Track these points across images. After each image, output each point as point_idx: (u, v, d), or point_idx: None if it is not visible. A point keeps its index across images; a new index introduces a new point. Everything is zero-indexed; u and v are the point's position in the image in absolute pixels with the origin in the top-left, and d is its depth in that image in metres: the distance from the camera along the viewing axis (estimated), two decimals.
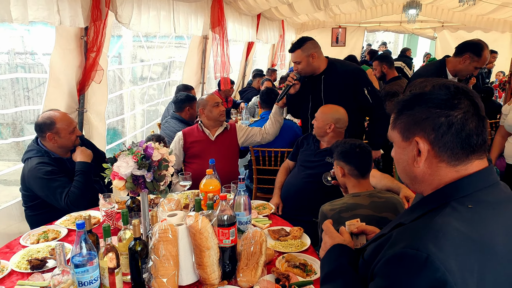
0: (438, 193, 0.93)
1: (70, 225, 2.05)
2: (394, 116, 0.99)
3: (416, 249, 0.81)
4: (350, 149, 1.91)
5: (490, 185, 0.91)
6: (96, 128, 2.88)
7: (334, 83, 2.83)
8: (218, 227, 1.55)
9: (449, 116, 0.88)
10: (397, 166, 1.03)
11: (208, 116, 2.88)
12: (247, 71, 7.37)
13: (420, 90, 0.93)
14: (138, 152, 1.57)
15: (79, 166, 2.27)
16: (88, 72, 2.49)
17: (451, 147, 0.89)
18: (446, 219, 0.85)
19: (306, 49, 2.80)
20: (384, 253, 0.89)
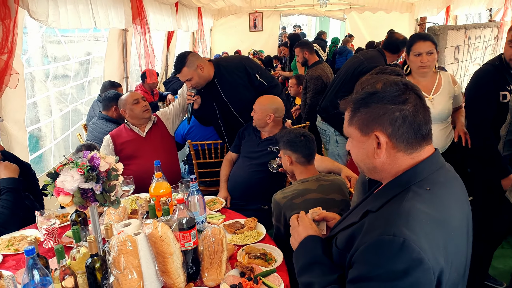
0: (398, 180, 1.02)
1: (4, 250, 1.85)
2: (349, 113, 1.07)
3: (392, 234, 0.88)
4: (295, 138, 1.99)
5: (439, 167, 1.03)
6: (15, 138, 2.59)
7: (229, 82, 2.84)
8: (179, 231, 1.53)
9: (403, 110, 0.98)
10: (355, 158, 1.11)
11: (131, 115, 2.77)
12: (170, 61, 7.15)
13: (372, 89, 1.02)
14: (83, 164, 1.47)
15: (5, 183, 2.04)
16: (0, 76, 2.21)
17: (407, 138, 0.99)
18: (411, 203, 0.94)
19: (191, 63, 2.71)
20: (360, 241, 0.96)
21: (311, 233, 1.23)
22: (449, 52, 4.91)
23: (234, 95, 2.85)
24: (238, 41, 11.12)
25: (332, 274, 1.08)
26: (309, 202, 1.85)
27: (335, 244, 1.11)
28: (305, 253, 1.20)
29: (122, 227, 1.56)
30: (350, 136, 1.10)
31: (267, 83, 2.91)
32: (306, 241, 1.22)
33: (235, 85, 2.85)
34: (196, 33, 8.85)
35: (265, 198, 2.59)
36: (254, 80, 2.87)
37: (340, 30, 14.41)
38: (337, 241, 1.11)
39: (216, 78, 2.83)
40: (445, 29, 4.68)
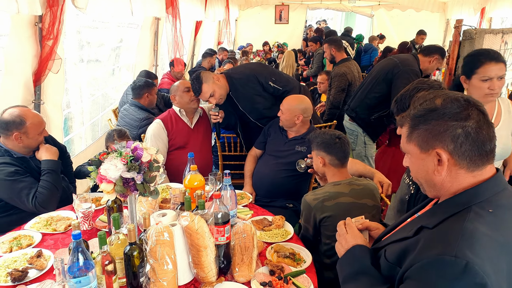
0: (458, 198, 1.00)
1: (43, 229, 1.94)
2: (408, 130, 1.06)
3: (454, 256, 0.87)
4: (330, 140, 1.99)
5: (502, 189, 1.01)
6: (53, 120, 2.68)
7: (243, 94, 2.85)
8: (214, 225, 1.57)
9: (465, 127, 0.96)
10: (414, 174, 1.10)
11: (180, 102, 2.81)
12: (196, 51, 7.19)
13: (432, 105, 1.01)
14: (127, 154, 1.52)
15: (46, 164, 2.12)
16: (44, 61, 2.28)
17: (469, 155, 0.97)
18: (474, 224, 0.92)
19: (207, 79, 2.71)
20: (415, 257, 0.95)
21: (359, 242, 1.23)
22: None
23: (250, 105, 2.88)
24: (262, 32, 11.07)
25: (380, 286, 1.08)
26: (340, 205, 1.86)
27: (385, 256, 1.10)
28: (352, 261, 1.20)
29: (160, 217, 1.61)
30: (408, 152, 1.08)
31: (281, 88, 2.89)
32: (354, 250, 1.21)
33: (249, 96, 2.86)
34: (222, 23, 8.86)
35: (290, 196, 2.62)
36: (268, 87, 2.87)
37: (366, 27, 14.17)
38: (387, 254, 1.10)
39: (231, 91, 2.85)
40: (481, 33, 4.55)
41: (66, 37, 3.50)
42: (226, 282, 1.56)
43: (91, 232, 1.93)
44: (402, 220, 1.25)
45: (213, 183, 2.21)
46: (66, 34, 3.59)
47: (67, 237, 1.88)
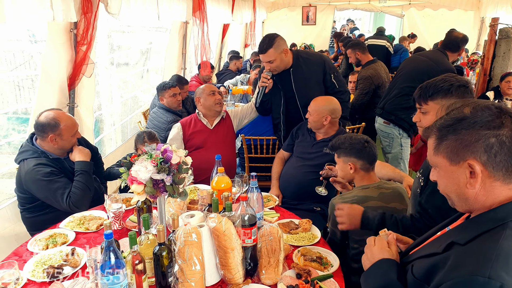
0: (494, 213, 0.94)
1: (76, 227, 2.01)
2: (435, 141, 1.00)
3: (487, 276, 0.82)
4: (360, 144, 1.96)
5: None
6: (85, 122, 2.78)
7: (303, 74, 2.84)
8: (241, 227, 1.57)
9: (499, 135, 0.90)
10: (443, 189, 1.04)
11: (204, 105, 2.87)
12: (223, 54, 7.26)
13: (460, 114, 0.95)
14: (157, 156, 1.55)
15: (79, 165, 2.20)
16: (78, 66, 2.37)
17: (505, 166, 0.91)
18: (510, 243, 0.86)
19: (278, 46, 2.73)
20: (445, 275, 0.89)
21: (386, 256, 1.17)
22: None
23: (304, 89, 2.84)
24: (289, 34, 11.01)
25: None
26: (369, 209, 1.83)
27: (412, 272, 1.05)
28: (378, 275, 1.14)
29: (189, 218, 1.63)
30: (436, 165, 1.02)
31: (338, 86, 2.89)
32: (380, 263, 1.15)
33: (308, 78, 2.84)
34: (249, 25, 8.90)
35: (317, 200, 2.59)
36: (328, 79, 2.87)
37: (396, 27, 13.87)
38: (414, 269, 1.05)
39: (292, 68, 2.85)
40: None
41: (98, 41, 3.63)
42: (252, 284, 1.57)
43: (122, 231, 1.98)
44: (432, 234, 1.19)
45: (240, 185, 2.23)
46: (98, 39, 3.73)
47: (99, 236, 1.94)
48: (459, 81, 1.61)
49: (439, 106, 1.54)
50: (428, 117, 1.63)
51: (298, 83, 2.85)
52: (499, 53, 4.46)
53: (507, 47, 4.39)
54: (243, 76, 5.48)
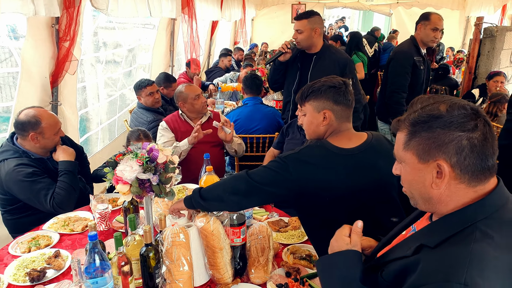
0: (462, 215, 0.91)
1: (60, 229, 1.96)
2: (406, 136, 0.96)
3: (463, 283, 0.79)
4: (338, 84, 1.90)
5: (505, 202, 0.92)
6: (69, 120, 2.71)
7: (324, 66, 2.87)
8: (230, 226, 1.55)
9: (471, 138, 0.88)
10: (407, 186, 1.01)
11: (190, 110, 2.81)
12: (212, 51, 7.21)
13: (436, 111, 0.91)
14: (142, 155, 1.51)
15: (63, 165, 2.14)
16: (61, 63, 2.30)
17: (472, 169, 0.89)
18: (482, 246, 0.84)
19: (313, 21, 2.82)
20: (418, 279, 0.87)
21: (358, 249, 1.11)
22: (505, 55, 4.66)
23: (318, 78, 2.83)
24: (279, 32, 11.02)
25: None
26: None
27: (381, 275, 1.02)
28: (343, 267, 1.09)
29: (176, 219, 1.60)
30: (403, 160, 0.98)
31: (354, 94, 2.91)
32: (350, 254, 1.09)
33: (326, 71, 2.78)
34: (238, 22, 8.86)
35: None
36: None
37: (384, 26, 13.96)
38: (384, 273, 1.01)
39: (317, 55, 2.90)
40: (503, 31, 4.44)
41: (83, 38, 3.55)
42: (242, 284, 1.55)
43: (108, 232, 1.94)
44: (397, 232, 1.16)
45: None
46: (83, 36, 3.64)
47: (84, 237, 1.89)
48: (333, 83, 1.63)
49: (312, 107, 1.63)
50: (305, 119, 1.68)
51: (315, 71, 2.89)
52: (483, 51, 4.51)
53: (492, 46, 4.45)
54: (233, 74, 5.44)
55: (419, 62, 3.18)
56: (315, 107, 1.64)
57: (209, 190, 1.59)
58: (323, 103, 1.62)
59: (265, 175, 1.53)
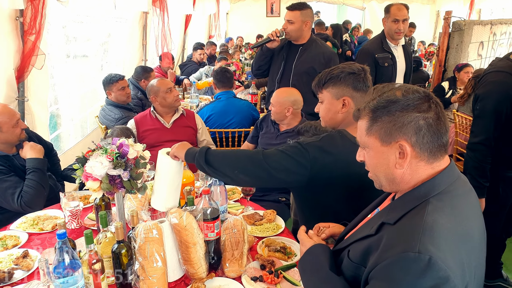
0: (417, 192, 0.99)
1: (29, 228, 1.90)
2: (368, 122, 1.02)
3: (417, 251, 0.86)
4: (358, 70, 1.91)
5: (456, 179, 1.00)
6: (38, 117, 2.62)
7: (309, 58, 2.94)
8: (203, 221, 1.54)
9: (427, 118, 0.95)
10: (372, 169, 1.07)
11: (162, 103, 2.76)
12: (186, 45, 7.12)
13: (393, 97, 0.98)
14: (112, 151, 1.49)
15: (30, 163, 2.07)
16: (27, 57, 2.21)
17: (429, 147, 0.97)
18: (433, 217, 0.91)
19: (305, 14, 2.88)
20: (380, 256, 0.92)
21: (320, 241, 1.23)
22: (473, 48, 4.80)
23: (301, 69, 2.93)
24: (254, 26, 10.99)
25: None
26: None
27: (348, 256, 1.08)
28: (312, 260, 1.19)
29: (148, 215, 1.58)
30: (366, 146, 1.05)
31: None
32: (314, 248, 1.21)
33: (310, 64, 2.93)
34: (212, 16, 8.78)
35: (283, 190, 2.60)
36: None
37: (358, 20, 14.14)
38: (350, 253, 1.08)
39: (303, 46, 2.94)
40: (470, 24, 4.57)
41: (50, 32, 3.43)
42: (216, 278, 1.55)
43: (80, 230, 1.89)
44: (363, 216, 1.23)
45: (204, 179, 2.19)
46: (50, 29, 3.51)
47: (54, 236, 1.83)
48: (352, 69, 1.58)
49: (331, 94, 1.57)
50: (323, 106, 1.63)
51: (300, 62, 2.94)
52: (452, 45, 4.64)
53: (460, 39, 4.58)
54: (207, 68, 5.39)
55: (382, 59, 3.15)
56: (333, 94, 1.57)
57: (217, 158, 1.50)
58: (343, 89, 1.55)
59: (282, 162, 1.45)
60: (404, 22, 3.12)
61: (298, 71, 2.94)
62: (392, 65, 3.20)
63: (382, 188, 1.08)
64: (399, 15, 3.10)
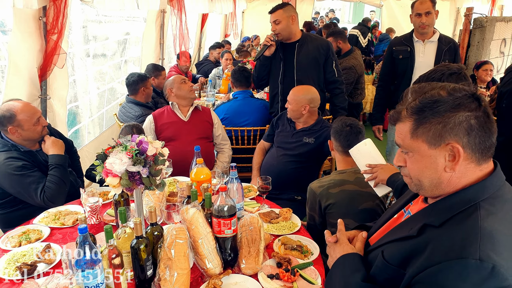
0: (465, 194, 0.93)
1: (51, 223, 1.95)
2: (411, 125, 0.96)
3: (478, 258, 0.82)
4: (341, 126, 2.02)
5: (503, 184, 0.96)
6: (58, 115, 2.68)
7: (307, 52, 2.97)
8: (220, 218, 1.54)
9: (478, 117, 0.90)
10: (416, 174, 1.00)
11: (178, 95, 2.80)
12: (202, 44, 7.17)
13: (439, 96, 0.92)
14: (132, 148, 1.51)
15: (53, 159, 2.13)
16: (49, 56, 2.27)
17: (481, 148, 0.91)
18: (490, 223, 0.86)
19: (288, 10, 2.93)
20: (429, 260, 0.88)
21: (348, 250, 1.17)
22: (495, 45, 4.70)
23: (304, 63, 2.98)
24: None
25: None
26: (345, 192, 1.86)
27: (383, 257, 1.03)
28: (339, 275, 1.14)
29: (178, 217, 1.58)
30: (411, 150, 0.98)
31: (337, 76, 3.04)
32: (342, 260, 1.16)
33: (311, 56, 2.98)
34: (229, 15, 8.80)
35: (298, 189, 2.60)
36: (330, 65, 3.01)
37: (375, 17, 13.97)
38: (385, 254, 1.03)
39: (299, 42, 2.99)
40: (493, 21, 4.47)
41: (72, 31, 3.50)
42: (233, 275, 1.56)
43: (99, 226, 1.93)
44: (389, 217, 1.19)
45: (220, 176, 2.20)
46: (72, 29, 3.59)
47: (75, 231, 1.89)
48: (450, 69, 1.57)
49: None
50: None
51: (300, 57, 2.98)
52: (473, 42, 4.55)
53: (481, 36, 4.48)
54: (216, 70, 5.41)
55: (397, 52, 3.23)
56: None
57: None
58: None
59: None
60: (428, 15, 3.10)
61: (301, 66, 2.98)
62: (409, 58, 3.20)
63: (420, 193, 1.03)
64: (421, 9, 3.11)
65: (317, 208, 1.92)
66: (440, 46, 3.18)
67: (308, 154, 2.58)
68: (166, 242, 1.43)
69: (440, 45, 3.19)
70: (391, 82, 3.32)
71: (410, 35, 3.28)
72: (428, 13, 3.09)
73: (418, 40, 3.23)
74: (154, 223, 1.50)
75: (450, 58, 3.12)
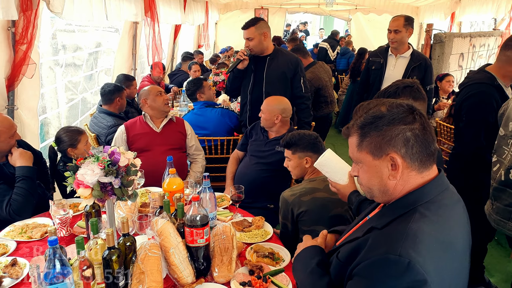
0: (406, 200, 1.04)
1: (17, 237, 1.90)
2: (358, 139, 1.07)
3: (398, 254, 0.92)
4: (316, 140, 2.11)
5: (445, 189, 1.06)
6: (28, 125, 2.62)
7: (277, 66, 3.09)
8: (193, 227, 1.56)
9: (414, 129, 1.01)
10: (366, 183, 1.11)
11: (152, 106, 2.80)
12: (175, 54, 7.17)
13: (379, 112, 1.04)
14: (104, 159, 1.52)
15: (20, 171, 2.08)
16: (18, 66, 2.23)
17: (419, 157, 1.02)
18: (418, 225, 0.97)
19: (260, 27, 3.02)
20: (364, 256, 1.00)
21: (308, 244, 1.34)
22: (454, 59, 4.96)
23: (273, 77, 3.08)
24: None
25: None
26: (316, 200, 1.92)
27: (337, 257, 1.15)
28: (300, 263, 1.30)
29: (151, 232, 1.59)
30: (359, 161, 1.09)
31: (304, 92, 3.16)
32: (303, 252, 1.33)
33: (280, 71, 3.09)
34: (202, 26, 8.85)
35: (271, 197, 2.65)
36: (297, 80, 3.12)
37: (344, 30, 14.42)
38: (339, 254, 1.15)
39: (270, 56, 3.10)
40: (451, 37, 4.73)
41: (41, 41, 3.44)
42: (206, 284, 1.57)
43: (69, 238, 1.90)
44: (355, 223, 1.30)
45: (193, 186, 2.22)
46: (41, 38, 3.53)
47: (43, 244, 1.85)
48: (404, 83, 1.74)
49: None
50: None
51: (270, 70, 3.09)
52: (434, 56, 4.79)
53: (441, 51, 4.73)
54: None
55: (372, 62, 3.47)
56: None
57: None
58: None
59: None
60: (397, 33, 3.33)
61: (270, 79, 3.10)
62: (380, 70, 3.43)
63: (374, 199, 1.14)
64: (391, 26, 3.38)
65: (290, 216, 1.97)
66: (410, 63, 3.38)
67: (281, 163, 2.62)
68: (139, 257, 1.43)
69: (410, 62, 3.40)
70: (365, 91, 3.49)
71: (386, 48, 3.49)
72: (397, 31, 3.31)
73: (391, 54, 3.45)
74: (126, 233, 1.50)
75: (418, 74, 3.30)
